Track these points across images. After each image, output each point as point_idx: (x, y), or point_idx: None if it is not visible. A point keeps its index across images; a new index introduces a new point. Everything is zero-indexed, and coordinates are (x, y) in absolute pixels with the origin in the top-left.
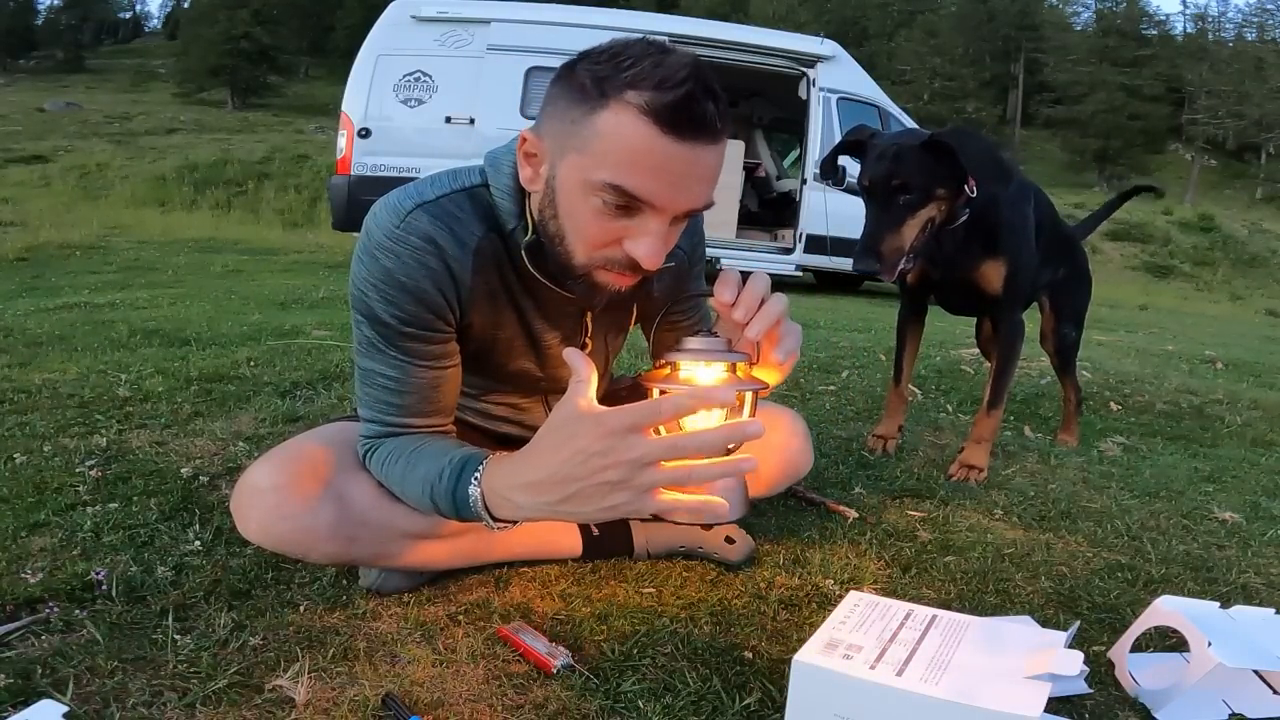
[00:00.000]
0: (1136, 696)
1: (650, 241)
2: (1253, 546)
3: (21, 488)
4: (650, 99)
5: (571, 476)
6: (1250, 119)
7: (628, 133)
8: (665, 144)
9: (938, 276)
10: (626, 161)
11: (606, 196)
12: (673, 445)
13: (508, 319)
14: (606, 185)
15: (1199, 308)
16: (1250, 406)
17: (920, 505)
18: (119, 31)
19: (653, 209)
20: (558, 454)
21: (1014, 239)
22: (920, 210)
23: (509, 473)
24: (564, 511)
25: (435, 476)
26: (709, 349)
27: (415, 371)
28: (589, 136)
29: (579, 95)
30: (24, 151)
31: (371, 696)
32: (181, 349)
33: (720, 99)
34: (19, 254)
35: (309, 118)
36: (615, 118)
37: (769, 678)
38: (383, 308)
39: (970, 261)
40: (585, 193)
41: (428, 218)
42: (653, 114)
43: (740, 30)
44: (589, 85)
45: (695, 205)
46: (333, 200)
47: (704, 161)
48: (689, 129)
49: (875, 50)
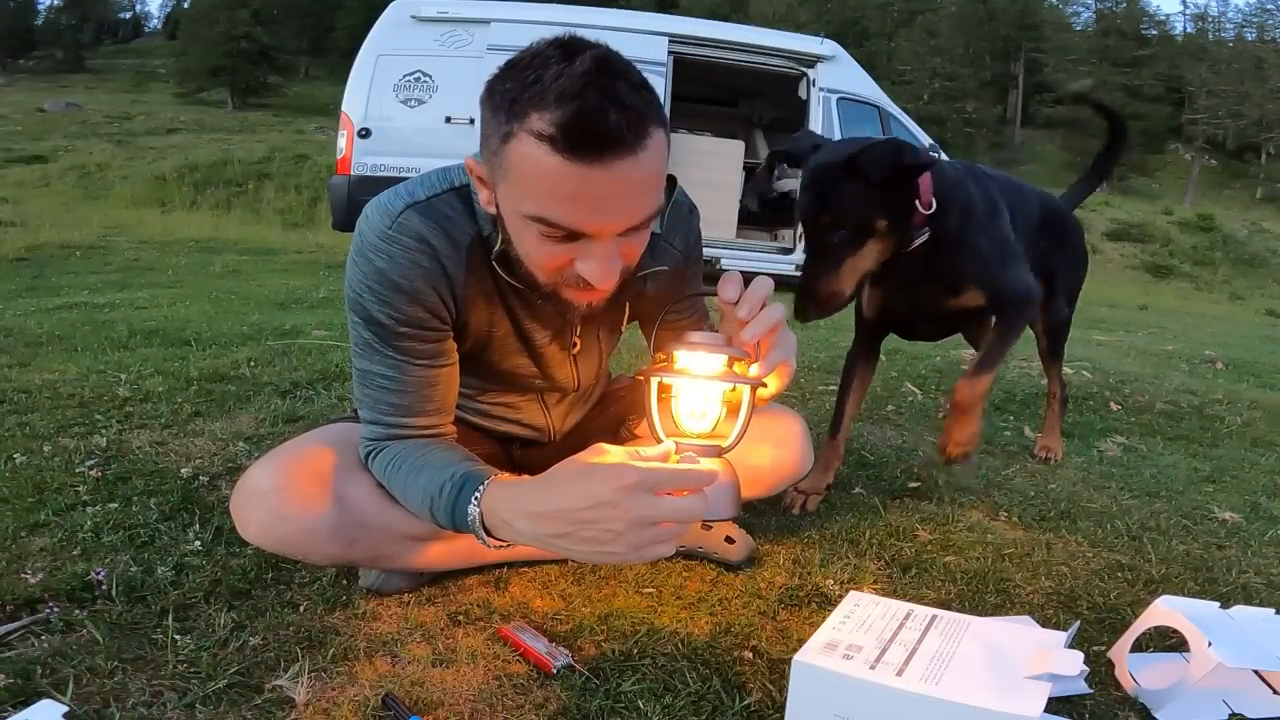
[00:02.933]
0: (1136, 696)
1: (597, 264)
2: (1253, 546)
3: (21, 488)
4: (548, 122)
5: (576, 517)
6: (1250, 119)
7: (534, 164)
8: (573, 170)
9: (904, 310)
10: (543, 194)
11: (539, 227)
12: (680, 509)
13: (501, 317)
14: (534, 218)
15: (1199, 308)
16: (1250, 406)
17: (920, 505)
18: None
19: (586, 235)
20: (569, 492)
21: (987, 260)
22: (861, 249)
23: (514, 498)
24: (558, 546)
25: (436, 490)
26: (708, 343)
27: (412, 371)
28: (507, 169)
29: (495, 121)
30: (24, 151)
31: (371, 696)
32: (181, 349)
33: (627, 101)
34: (19, 254)
35: (309, 118)
36: (521, 149)
37: (769, 678)
38: (378, 308)
39: (940, 290)
40: (523, 223)
41: (419, 217)
42: (551, 141)
43: (740, 30)
44: (501, 109)
45: (632, 222)
46: (333, 200)
47: (625, 177)
48: (593, 149)
49: (875, 50)
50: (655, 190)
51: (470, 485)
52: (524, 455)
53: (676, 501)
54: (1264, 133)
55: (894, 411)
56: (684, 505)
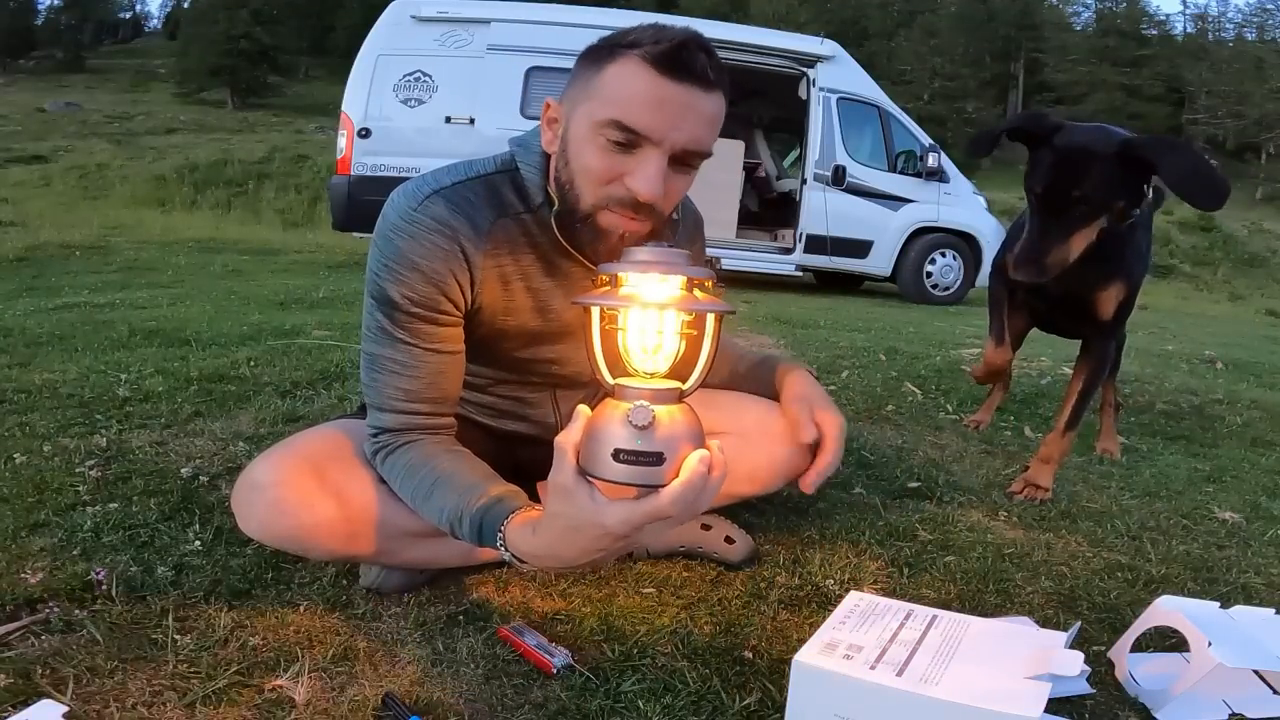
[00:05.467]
0: (1136, 696)
1: (648, 173)
2: (1253, 546)
3: (21, 488)
4: (651, 49)
5: (577, 564)
6: (1250, 119)
7: (628, 76)
8: (660, 83)
9: (1056, 291)
10: (625, 99)
11: (609, 133)
12: (661, 523)
13: (520, 304)
14: (610, 121)
15: (1199, 308)
16: (1250, 406)
17: (920, 505)
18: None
19: (650, 143)
20: (564, 550)
21: (1138, 262)
22: (1094, 222)
23: (532, 551)
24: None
25: (455, 520)
26: (662, 260)
27: (422, 356)
28: (598, 86)
29: (592, 59)
30: (24, 151)
31: (371, 696)
32: (181, 349)
33: (714, 56)
34: (19, 254)
35: (309, 118)
36: (619, 67)
37: (769, 678)
38: (393, 286)
39: (1091, 280)
40: (592, 134)
41: (444, 202)
42: (650, 59)
43: (740, 30)
44: (602, 50)
45: (690, 144)
46: (333, 200)
47: (698, 105)
48: (681, 70)
49: (875, 50)
50: (712, 134)
51: (490, 528)
52: (527, 455)
53: (661, 522)
54: (1264, 133)
55: (894, 411)
56: (665, 520)
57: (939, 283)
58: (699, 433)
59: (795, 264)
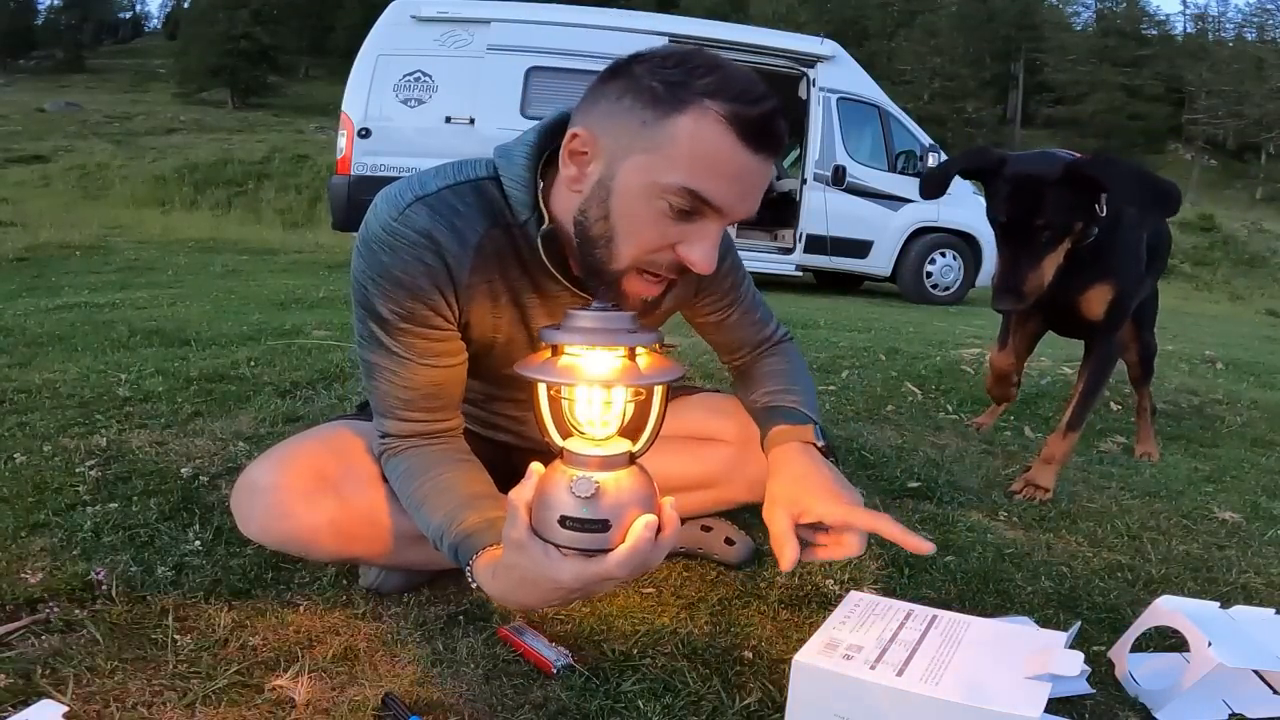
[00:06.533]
0: (1136, 696)
1: (707, 247)
2: (1253, 546)
3: (21, 488)
4: (734, 110)
5: (547, 604)
6: (1250, 119)
7: (708, 139)
8: (744, 155)
9: (1046, 299)
10: (704, 167)
11: (674, 200)
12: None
13: (508, 320)
14: (680, 188)
15: (1199, 308)
16: (1250, 406)
17: (920, 505)
18: (119, 31)
19: (717, 214)
20: (526, 597)
21: (1124, 261)
22: (1060, 245)
23: (493, 592)
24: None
25: (437, 539)
26: (603, 326)
27: (416, 369)
28: (663, 140)
29: (649, 98)
30: (24, 151)
31: (371, 696)
32: (181, 349)
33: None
34: (19, 254)
35: (309, 118)
36: (694, 124)
37: (769, 678)
38: (381, 302)
39: (1076, 286)
40: (650, 195)
41: (427, 211)
42: (737, 125)
43: (740, 30)
44: (661, 89)
45: (749, 214)
46: (333, 200)
47: (764, 174)
48: (766, 143)
49: (875, 50)
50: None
51: (464, 557)
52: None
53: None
54: (1264, 133)
55: (894, 411)
56: (628, 576)
57: (939, 283)
58: (648, 495)
59: (795, 264)
